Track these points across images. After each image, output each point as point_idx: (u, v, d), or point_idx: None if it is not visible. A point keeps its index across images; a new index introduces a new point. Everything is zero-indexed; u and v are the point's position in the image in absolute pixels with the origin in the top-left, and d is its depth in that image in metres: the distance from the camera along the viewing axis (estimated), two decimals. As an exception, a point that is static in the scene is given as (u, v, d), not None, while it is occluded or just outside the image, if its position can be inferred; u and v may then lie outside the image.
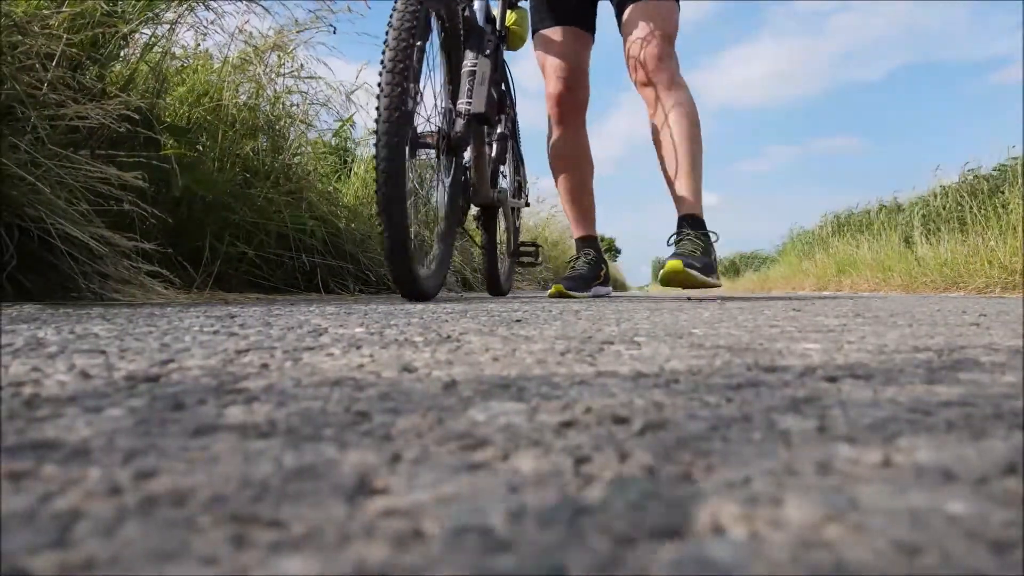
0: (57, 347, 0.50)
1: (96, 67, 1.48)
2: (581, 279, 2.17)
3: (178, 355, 0.47)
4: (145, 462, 0.22)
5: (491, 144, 2.09)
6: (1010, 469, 0.22)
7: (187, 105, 1.83)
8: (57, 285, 1.21)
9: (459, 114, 1.60)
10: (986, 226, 3.56)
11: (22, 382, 0.36)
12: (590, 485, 0.20)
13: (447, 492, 0.20)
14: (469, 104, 1.60)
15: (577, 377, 0.40)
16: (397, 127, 1.24)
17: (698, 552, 0.16)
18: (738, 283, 11.59)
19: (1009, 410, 0.30)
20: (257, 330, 0.66)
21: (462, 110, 1.60)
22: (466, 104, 1.60)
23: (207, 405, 0.31)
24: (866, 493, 0.20)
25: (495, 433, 0.27)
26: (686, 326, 0.78)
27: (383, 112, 1.25)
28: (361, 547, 0.16)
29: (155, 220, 1.39)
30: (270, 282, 1.87)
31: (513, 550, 0.16)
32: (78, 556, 0.15)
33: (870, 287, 4.52)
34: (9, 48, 1.23)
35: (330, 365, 0.44)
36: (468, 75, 1.62)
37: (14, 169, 1.13)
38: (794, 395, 0.34)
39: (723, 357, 0.49)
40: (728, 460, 0.23)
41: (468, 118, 1.60)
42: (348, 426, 0.27)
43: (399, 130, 1.24)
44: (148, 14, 1.65)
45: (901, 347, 0.56)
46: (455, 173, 1.64)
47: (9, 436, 0.25)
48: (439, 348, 0.54)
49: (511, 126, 2.30)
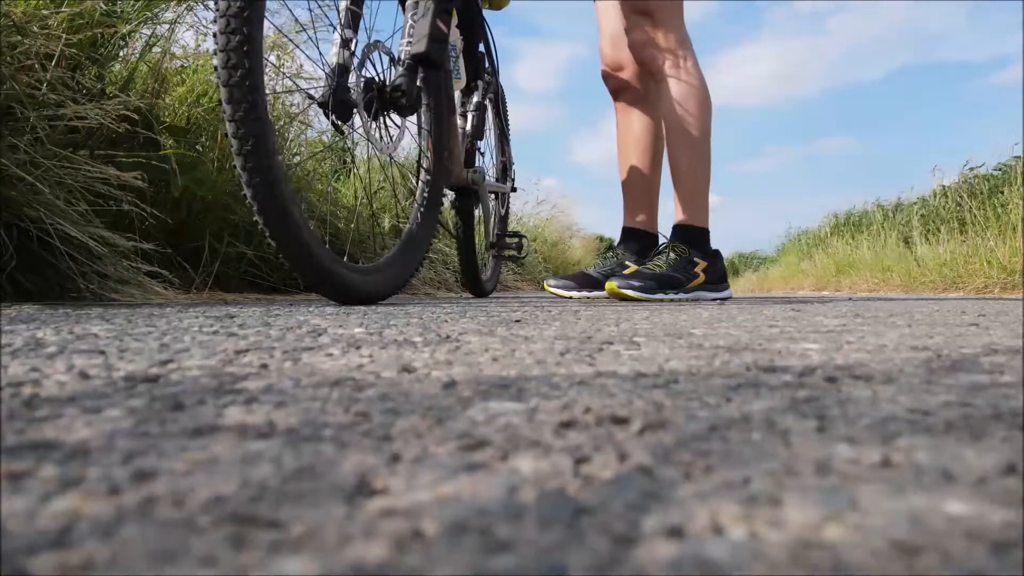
0: (56, 347, 0.50)
1: (95, 67, 1.48)
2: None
3: (177, 355, 0.47)
4: (144, 462, 0.22)
5: (465, 115, 1.82)
6: (1009, 469, 0.22)
7: (186, 105, 1.83)
8: (56, 285, 1.21)
9: (396, 60, 1.31)
10: (985, 226, 3.57)
11: (21, 382, 0.36)
12: (589, 485, 0.20)
13: (446, 492, 0.20)
14: (409, 43, 1.29)
15: (576, 377, 0.40)
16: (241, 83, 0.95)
17: (697, 552, 0.16)
18: (738, 283, 11.59)
19: (1008, 410, 0.31)
20: (256, 330, 0.66)
21: (401, 53, 1.30)
22: (407, 44, 1.30)
23: (206, 405, 0.31)
24: (865, 493, 0.20)
25: (494, 433, 0.27)
26: (685, 326, 0.78)
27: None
28: (360, 547, 0.16)
29: (154, 220, 1.39)
30: (269, 282, 1.87)
31: (513, 550, 0.16)
32: (77, 557, 0.15)
33: (869, 287, 4.52)
34: (8, 48, 1.23)
35: (329, 365, 0.44)
36: (410, 8, 1.31)
37: (13, 169, 1.13)
38: (793, 395, 0.34)
39: (722, 357, 0.49)
40: (727, 460, 0.23)
41: (408, 62, 1.28)
42: (347, 426, 0.27)
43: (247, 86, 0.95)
44: (147, 14, 1.65)
45: (900, 347, 0.56)
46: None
47: (8, 436, 0.25)
48: (438, 348, 0.54)
49: (493, 97, 1.99)
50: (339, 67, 1.18)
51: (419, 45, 1.28)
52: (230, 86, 0.96)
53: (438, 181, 1.49)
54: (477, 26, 1.72)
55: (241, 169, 0.99)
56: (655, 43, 1.72)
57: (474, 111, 1.82)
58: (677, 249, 1.70)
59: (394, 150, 1.35)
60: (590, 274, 2.02)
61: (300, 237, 1.04)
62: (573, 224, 7.32)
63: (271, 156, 0.99)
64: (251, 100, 0.96)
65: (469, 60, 1.75)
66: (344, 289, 1.13)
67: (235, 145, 0.97)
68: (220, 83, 0.97)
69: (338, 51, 1.18)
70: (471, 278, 1.99)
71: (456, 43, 1.64)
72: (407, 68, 1.29)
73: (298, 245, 1.05)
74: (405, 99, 1.27)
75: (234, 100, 0.96)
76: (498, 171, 2.18)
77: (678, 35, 1.73)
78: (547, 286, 2.03)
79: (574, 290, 1.99)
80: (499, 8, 1.83)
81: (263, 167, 0.98)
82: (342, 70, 1.18)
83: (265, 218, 1.02)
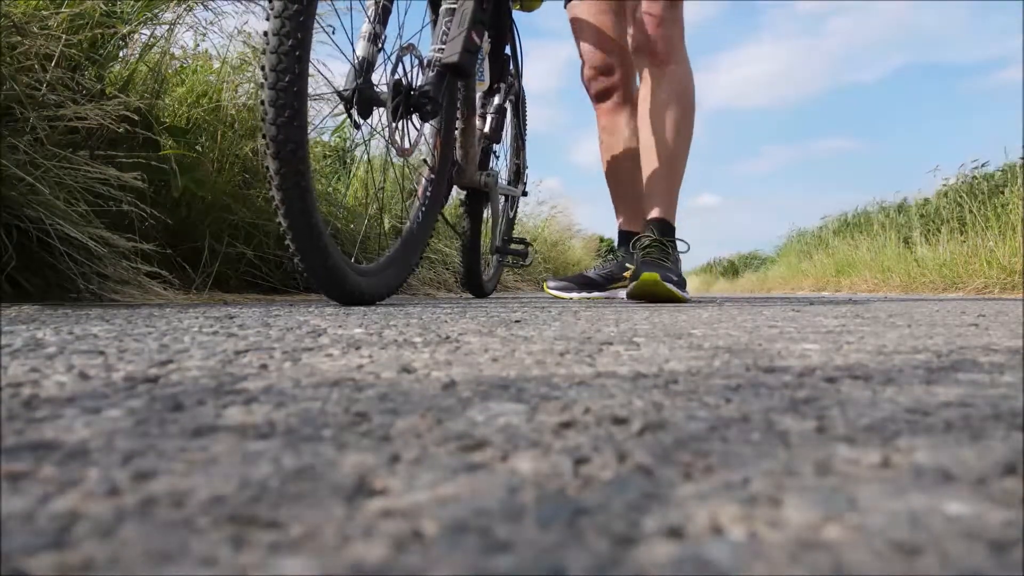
0: (56, 348, 0.50)
1: (95, 68, 1.48)
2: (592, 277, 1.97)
3: (177, 356, 0.47)
4: (144, 463, 0.22)
5: (484, 117, 1.80)
6: (1009, 469, 0.22)
7: (186, 106, 1.83)
8: (56, 286, 1.21)
9: (427, 64, 1.30)
10: (986, 227, 3.57)
11: (21, 383, 0.36)
12: (589, 486, 0.20)
13: (446, 493, 0.20)
14: (441, 51, 1.28)
15: (576, 378, 0.40)
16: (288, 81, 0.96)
17: (697, 553, 0.16)
18: (737, 284, 11.60)
19: (1008, 410, 0.31)
20: (256, 331, 0.66)
21: (432, 59, 1.29)
22: (438, 51, 1.29)
23: (206, 406, 0.31)
24: (865, 494, 0.20)
25: (494, 434, 0.27)
26: (685, 327, 0.78)
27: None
28: (360, 548, 0.16)
29: (154, 221, 1.39)
30: (269, 283, 1.87)
31: (512, 550, 0.16)
32: (77, 557, 0.15)
33: (869, 288, 4.52)
34: (8, 49, 1.23)
35: (329, 366, 0.44)
36: (446, 14, 1.31)
37: (13, 170, 1.12)
38: (793, 396, 0.34)
39: (722, 358, 0.49)
40: (727, 461, 0.23)
41: (438, 69, 1.28)
42: (347, 427, 0.27)
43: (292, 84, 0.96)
44: (147, 15, 1.65)
45: (900, 348, 0.56)
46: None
47: (8, 437, 0.25)
48: (438, 349, 0.54)
49: (514, 99, 1.95)
50: (365, 62, 1.17)
51: (452, 56, 1.27)
52: (277, 89, 0.95)
53: (441, 181, 1.47)
54: (506, 28, 1.70)
55: (275, 173, 0.99)
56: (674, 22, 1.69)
57: (494, 113, 1.80)
58: (669, 244, 1.68)
59: (411, 154, 1.33)
60: (589, 276, 2.02)
61: (321, 243, 1.05)
62: (573, 224, 7.32)
63: (306, 163, 1.00)
64: (296, 107, 0.97)
65: (494, 62, 1.72)
66: (351, 291, 1.13)
67: (272, 148, 0.97)
68: (266, 84, 0.96)
69: (366, 45, 1.17)
70: (473, 279, 1.96)
71: (483, 45, 1.60)
72: (436, 75, 1.27)
73: (318, 251, 1.05)
74: (431, 105, 1.25)
75: (278, 104, 0.96)
76: (511, 174, 2.16)
77: (682, 27, 1.73)
78: (547, 287, 2.03)
79: (573, 291, 2.00)
80: (530, 10, 1.79)
81: (298, 173, 0.99)
82: (368, 65, 1.16)
83: (291, 221, 1.02)
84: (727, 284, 12.69)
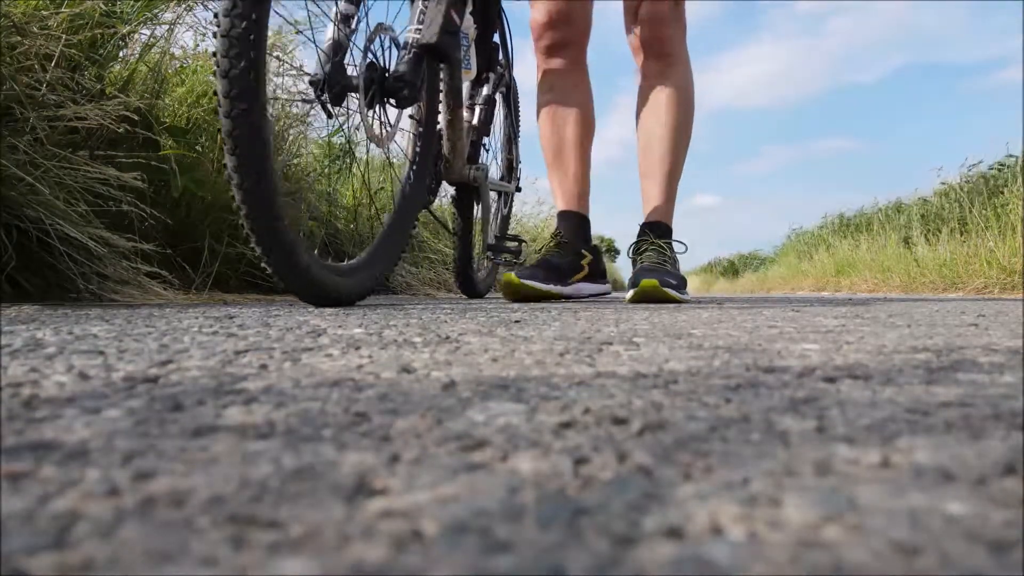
0: (56, 348, 0.50)
1: (95, 68, 1.48)
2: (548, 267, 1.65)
3: (177, 356, 0.47)
4: (144, 463, 0.22)
5: (472, 108, 1.71)
6: (1009, 469, 0.22)
7: (186, 106, 1.83)
8: (56, 286, 1.21)
9: (404, 46, 1.21)
10: (985, 227, 3.57)
11: (21, 383, 0.36)
12: (589, 486, 0.20)
13: (446, 493, 0.20)
14: (419, 32, 1.20)
15: (576, 378, 0.40)
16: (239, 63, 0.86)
17: (697, 553, 0.16)
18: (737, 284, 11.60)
19: (1008, 410, 0.31)
20: (256, 331, 0.66)
21: (409, 40, 1.20)
22: (415, 32, 1.20)
23: (206, 406, 0.31)
24: (865, 494, 0.20)
25: (494, 434, 0.27)
26: (685, 327, 0.78)
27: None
28: (360, 548, 0.16)
29: (154, 221, 1.39)
30: (269, 283, 1.87)
31: (512, 550, 0.16)
32: (77, 557, 0.15)
33: (869, 288, 4.52)
34: (8, 49, 1.23)
35: (329, 366, 0.44)
36: None
37: (13, 170, 1.13)
38: (793, 396, 0.34)
39: (722, 358, 0.49)
40: (727, 461, 0.23)
41: (415, 51, 1.19)
42: (347, 427, 0.27)
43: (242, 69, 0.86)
44: (147, 15, 1.65)
45: (900, 348, 0.56)
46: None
47: (8, 437, 0.25)
48: (438, 349, 0.54)
49: (504, 91, 1.87)
50: (335, 44, 1.08)
51: (430, 35, 1.19)
52: (230, 78, 0.87)
53: (423, 174, 1.39)
54: (494, 15, 1.64)
55: (233, 171, 0.90)
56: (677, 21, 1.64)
57: (483, 104, 1.71)
58: (666, 246, 1.64)
59: (389, 143, 1.25)
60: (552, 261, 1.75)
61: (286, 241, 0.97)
62: (572, 224, 7.31)
63: (268, 159, 0.91)
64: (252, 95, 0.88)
65: (481, 50, 1.64)
66: (323, 292, 1.05)
67: (228, 144, 0.89)
68: (218, 73, 0.87)
69: (335, 27, 1.08)
70: (465, 279, 1.89)
71: (469, 31, 1.53)
72: (413, 57, 1.18)
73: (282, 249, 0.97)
74: (407, 90, 1.16)
75: (232, 95, 0.87)
76: (503, 169, 2.07)
77: (684, 27, 1.70)
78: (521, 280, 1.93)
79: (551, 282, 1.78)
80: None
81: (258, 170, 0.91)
82: (338, 48, 1.08)
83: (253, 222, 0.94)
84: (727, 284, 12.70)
